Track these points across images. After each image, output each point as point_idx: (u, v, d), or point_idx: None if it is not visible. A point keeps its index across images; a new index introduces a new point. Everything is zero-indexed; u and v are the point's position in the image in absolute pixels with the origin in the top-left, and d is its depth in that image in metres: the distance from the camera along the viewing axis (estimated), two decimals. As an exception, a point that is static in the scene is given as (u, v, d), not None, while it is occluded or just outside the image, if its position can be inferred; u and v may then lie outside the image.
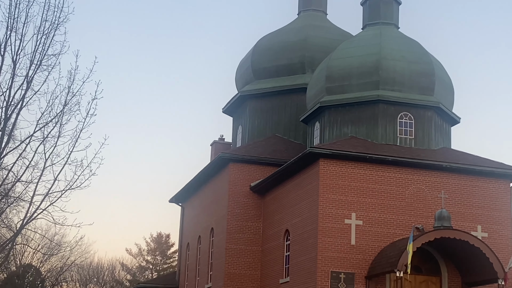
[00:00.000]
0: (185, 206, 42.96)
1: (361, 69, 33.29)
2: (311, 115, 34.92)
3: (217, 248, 36.07)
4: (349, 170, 30.14)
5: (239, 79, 42.05)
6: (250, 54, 41.03)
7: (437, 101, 32.92)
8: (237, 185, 35.18)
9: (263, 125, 39.21)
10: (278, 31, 41.52)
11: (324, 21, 42.03)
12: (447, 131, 34.26)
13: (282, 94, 39.02)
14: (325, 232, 29.36)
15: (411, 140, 32.45)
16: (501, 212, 31.12)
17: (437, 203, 30.35)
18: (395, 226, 30.03)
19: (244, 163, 35.37)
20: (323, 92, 33.98)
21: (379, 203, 30.10)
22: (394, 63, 33.20)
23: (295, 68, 39.38)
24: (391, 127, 32.43)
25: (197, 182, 39.55)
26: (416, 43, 34.61)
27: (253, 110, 39.70)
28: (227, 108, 42.44)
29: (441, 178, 30.82)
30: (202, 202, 39.51)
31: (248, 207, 35.17)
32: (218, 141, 42.02)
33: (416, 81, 33.10)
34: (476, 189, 31.10)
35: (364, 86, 33.04)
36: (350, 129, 32.89)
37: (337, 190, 29.84)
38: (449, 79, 34.75)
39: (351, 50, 34.26)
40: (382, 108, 32.55)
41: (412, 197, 30.50)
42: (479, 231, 30.56)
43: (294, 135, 38.39)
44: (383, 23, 35.38)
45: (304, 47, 39.38)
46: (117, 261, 73.12)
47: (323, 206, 29.60)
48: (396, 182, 30.45)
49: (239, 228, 34.85)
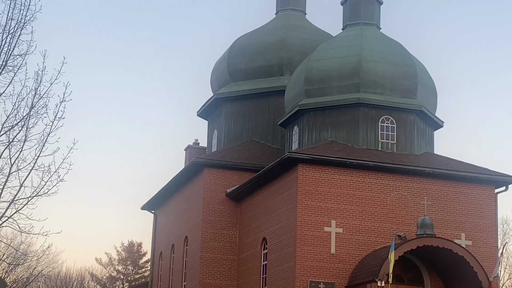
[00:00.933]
0: (158, 213, 42.69)
1: (341, 71, 33.27)
2: (289, 119, 34.83)
3: (191, 258, 35.84)
4: (329, 176, 30.06)
5: (214, 81, 41.89)
6: (226, 55, 40.89)
7: (420, 105, 32.97)
8: (212, 192, 35.01)
9: (240, 129, 39.07)
10: (255, 31, 41.44)
11: (303, 21, 42.02)
12: (430, 135, 34.32)
13: (260, 96, 38.93)
14: (304, 240, 29.25)
15: (393, 145, 32.46)
16: (486, 219, 31.22)
17: (420, 210, 30.37)
18: (376, 234, 30.00)
19: (220, 168, 35.22)
20: (302, 95, 33.91)
21: (359, 210, 30.05)
22: (375, 65, 33.22)
23: (273, 70, 39.31)
24: (372, 131, 32.42)
25: (170, 189, 39.33)
26: (398, 44, 34.66)
27: (229, 114, 39.55)
28: (202, 111, 42.27)
29: (424, 184, 30.84)
30: (176, 209, 39.27)
31: (223, 214, 35.01)
32: (193, 145, 41.82)
33: (398, 83, 33.13)
34: (460, 195, 31.17)
35: (345, 88, 33.02)
36: (330, 133, 32.84)
37: (316, 196, 29.75)
38: (432, 82, 34.83)
39: (331, 51, 34.24)
40: (363, 111, 32.53)
41: (394, 203, 30.48)
42: (463, 239, 30.63)
43: (272, 140, 38.29)
44: (364, 23, 35.41)
45: (282, 48, 39.32)
46: (86, 271, 72.66)
47: (302, 213, 29.48)
48: (377, 188, 30.42)
49: (214, 236, 34.66)
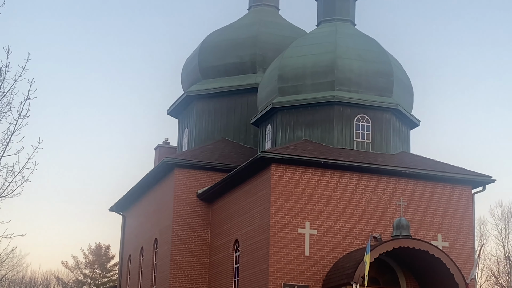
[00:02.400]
0: (126, 215, 42.59)
1: (315, 69, 33.42)
2: (262, 118, 34.92)
3: (161, 260, 35.81)
4: (303, 176, 30.20)
5: (185, 78, 41.88)
6: (197, 52, 40.89)
7: (396, 103, 33.21)
8: (183, 193, 35.02)
9: (211, 128, 39.09)
10: (227, 27, 41.48)
11: (276, 17, 42.14)
12: (406, 134, 34.59)
13: (232, 94, 38.98)
14: (277, 242, 29.36)
15: (369, 144, 32.68)
16: (463, 220, 31.52)
17: (396, 211, 30.60)
18: (351, 235, 30.19)
19: (191, 168, 35.24)
20: (275, 92, 34.01)
21: (334, 211, 30.22)
22: (351, 62, 33.40)
23: (246, 67, 39.38)
24: (347, 130, 32.61)
25: (139, 189, 39.26)
26: (373, 41, 34.87)
27: (200, 112, 39.55)
28: (172, 109, 42.23)
29: (399, 185, 31.08)
30: (145, 210, 39.21)
31: (194, 216, 35.03)
32: (163, 145, 41.80)
33: (373, 81, 33.35)
34: (437, 196, 31.45)
35: (319, 86, 33.17)
36: (304, 132, 32.98)
37: (290, 197, 29.88)
38: (408, 80, 35.09)
39: (305, 48, 34.37)
40: (337, 110, 32.71)
41: (369, 204, 30.69)
42: (440, 240, 30.91)
43: (244, 139, 38.37)
44: (339, 19, 35.57)
45: (255, 45, 39.40)
46: (52, 275, 72.32)
47: (275, 215, 29.59)
48: (352, 188, 30.62)
49: (185, 238, 34.67)
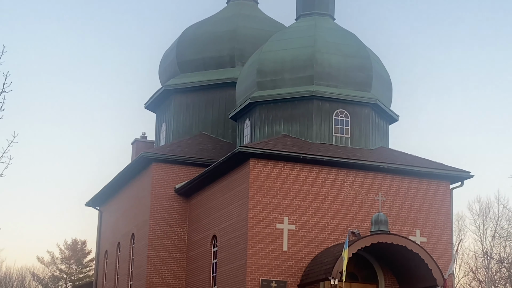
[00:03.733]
0: (103, 210, 42.56)
1: (294, 63, 33.55)
2: (240, 112, 35.03)
3: (138, 256, 35.85)
4: (281, 171, 30.35)
5: (163, 72, 41.87)
6: (175, 45, 40.89)
7: (375, 98, 33.43)
8: (161, 187, 35.06)
9: (189, 122, 39.14)
10: (205, 21, 41.50)
11: (255, 10, 42.22)
12: (385, 129, 34.83)
13: (210, 89, 39.02)
14: (255, 237, 29.50)
15: (347, 139, 32.88)
16: (441, 215, 31.83)
17: (374, 206, 30.84)
18: (329, 230, 30.38)
19: (168, 163, 35.27)
20: (254, 87, 34.12)
21: (313, 206, 30.41)
22: (330, 57, 33.56)
23: (224, 61, 39.43)
24: (326, 125, 32.79)
25: (116, 184, 39.24)
26: (352, 35, 35.06)
27: (178, 106, 39.58)
28: (150, 103, 42.21)
29: (378, 180, 31.33)
30: (122, 205, 39.22)
31: (172, 211, 35.09)
32: (140, 139, 41.76)
33: (352, 76, 33.54)
34: (415, 191, 31.72)
35: (298, 81, 33.31)
36: (283, 127, 33.12)
37: (269, 192, 30.02)
38: (387, 75, 35.33)
39: (284, 42, 34.50)
40: (316, 104, 32.88)
41: (347, 199, 30.91)
42: (418, 236, 31.19)
43: (223, 133, 38.45)
44: (318, 13, 35.72)
45: (233, 39, 39.46)
46: (27, 270, 72.06)
47: (253, 210, 29.73)
48: (331, 184, 30.82)
49: (162, 233, 34.73)
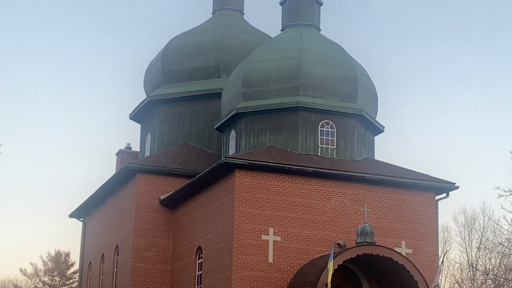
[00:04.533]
0: (87, 221, 42.40)
1: (280, 74, 33.64)
2: (226, 123, 35.05)
3: (122, 268, 35.73)
4: (267, 182, 30.38)
5: (148, 82, 41.85)
6: (160, 56, 40.91)
7: (360, 109, 33.55)
8: (145, 198, 35.00)
9: (174, 133, 39.12)
10: (191, 31, 41.56)
11: (241, 21, 42.31)
12: (371, 140, 34.94)
13: (195, 99, 39.04)
14: (241, 249, 29.48)
15: (333, 150, 32.96)
16: (426, 226, 31.93)
17: (360, 218, 30.90)
18: (315, 242, 30.41)
19: (153, 174, 35.23)
20: (239, 97, 34.17)
21: (298, 217, 30.43)
22: (315, 68, 33.67)
23: (209, 71, 39.48)
24: (312, 136, 32.86)
25: (100, 195, 39.13)
26: (338, 46, 35.19)
27: (163, 117, 39.56)
28: (135, 114, 42.17)
29: (364, 191, 31.40)
30: (106, 217, 39.09)
31: (157, 222, 35.02)
32: (125, 150, 41.70)
33: (338, 87, 33.65)
34: (401, 202, 31.81)
35: (283, 91, 33.39)
36: (268, 138, 33.16)
37: (254, 203, 30.03)
38: (372, 86, 35.47)
39: (270, 53, 34.59)
40: (302, 115, 32.96)
41: (333, 211, 30.95)
42: (403, 247, 31.26)
43: (208, 144, 38.44)
44: (304, 24, 35.85)
45: (219, 49, 39.52)
46: (10, 282, 71.54)
47: (239, 221, 29.72)
48: (316, 195, 30.86)
49: (146, 245, 34.64)
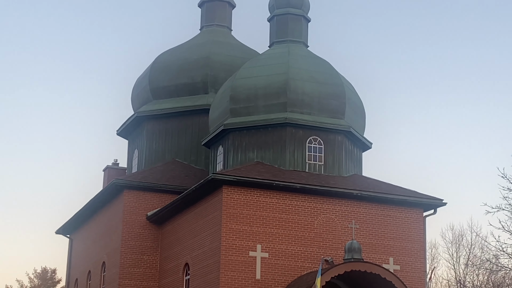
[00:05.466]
0: (73, 237, 42.27)
1: (267, 90, 33.74)
2: (214, 139, 35.09)
3: (109, 285, 35.61)
4: (255, 198, 30.41)
5: (135, 98, 41.86)
6: (148, 72, 40.94)
7: (348, 125, 33.67)
8: (132, 215, 34.95)
9: (162, 149, 39.10)
10: (178, 47, 41.62)
11: (229, 37, 42.43)
12: (358, 157, 35.05)
13: (183, 115, 39.06)
14: (228, 265, 29.45)
15: (321, 166, 33.04)
16: (414, 243, 32.00)
17: (348, 234, 30.94)
18: (303, 258, 30.42)
19: (140, 190, 35.19)
20: (227, 114, 34.23)
21: (286, 234, 30.45)
22: (303, 84, 33.79)
23: (197, 87, 39.53)
24: (300, 152, 32.94)
25: (87, 212, 39.03)
26: (326, 63, 35.35)
27: (150, 133, 39.55)
28: (122, 130, 42.14)
29: (351, 207, 31.46)
30: (93, 233, 38.98)
31: (144, 238, 34.96)
32: (112, 166, 41.61)
33: (325, 103, 33.77)
34: (388, 218, 31.88)
35: (271, 108, 33.48)
36: (256, 154, 33.22)
37: (242, 219, 30.04)
38: (360, 102, 35.61)
39: (257, 69, 34.70)
40: (290, 131, 33.04)
41: (321, 227, 31.00)
42: (391, 264, 31.32)
43: (196, 160, 38.44)
44: (291, 41, 36.00)
45: (206, 65, 39.59)
46: (-5, 299, 71.13)
47: (226, 237, 29.71)
48: (304, 211, 30.90)
49: (133, 262, 34.55)
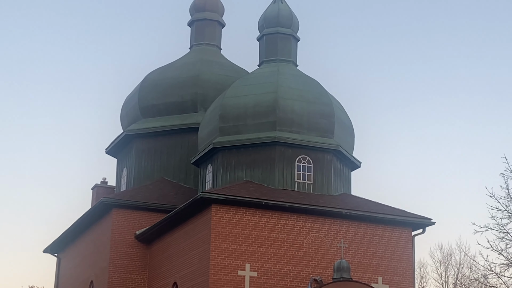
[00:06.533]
0: (61, 256, 42.11)
1: (257, 109, 33.87)
2: (203, 157, 35.14)
3: (97, 304, 35.48)
4: (244, 217, 30.44)
5: (124, 117, 41.88)
6: (137, 90, 40.99)
7: (337, 144, 33.80)
8: (121, 234, 34.90)
9: (151, 168, 39.10)
10: (168, 66, 41.71)
11: (218, 56, 42.58)
12: (347, 176, 35.16)
13: (172, 134, 39.09)
14: (217, 284, 29.42)
15: (310, 185, 33.13)
16: (403, 262, 32.07)
17: (337, 253, 31.00)
18: (292, 278, 30.42)
19: (129, 209, 35.16)
20: (216, 132, 34.32)
21: (275, 253, 30.48)
22: (292, 103, 33.93)
23: (186, 106, 39.59)
24: (289, 171, 33.02)
25: (75, 230, 38.93)
26: (315, 82, 35.52)
27: (139, 151, 39.56)
28: (111, 148, 42.13)
29: (340, 226, 31.53)
30: (81, 252, 38.87)
31: (132, 257, 34.89)
32: (100, 184, 41.51)
33: (315, 122, 33.91)
34: (377, 237, 31.96)
35: (260, 126, 33.59)
36: (245, 172, 33.28)
37: (230, 238, 30.05)
38: (349, 121, 35.78)
39: (247, 88, 34.83)
40: (279, 150, 33.14)
41: (310, 246, 31.04)
42: (380, 283, 31.35)
43: (185, 179, 38.44)
44: (281, 60, 36.19)
45: (196, 84, 39.68)
46: (-19, 319, 70.59)
47: (215, 256, 29.71)
48: (293, 230, 30.94)
49: (122, 281, 34.46)
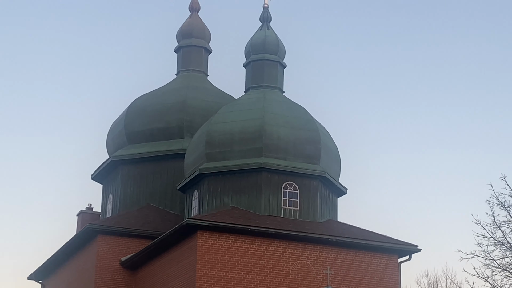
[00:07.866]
0: (45, 283, 41.87)
1: (243, 135, 33.98)
2: (189, 184, 35.17)
3: (81, 331, 35.28)
4: (230, 244, 30.45)
5: (110, 142, 41.88)
6: (124, 116, 41.02)
7: (323, 170, 33.93)
8: (106, 260, 34.78)
9: (136, 194, 39.05)
10: (154, 92, 41.80)
11: (205, 82, 42.72)
12: (334, 202, 35.26)
13: (158, 160, 39.10)
14: (203, 311, 29.35)
15: (296, 212, 33.19)
16: (389, 289, 32.11)
17: (323, 280, 31.00)
18: (278, 304, 30.37)
19: (114, 235, 35.09)
20: (203, 158, 34.39)
21: (261, 279, 30.45)
22: (278, 129, 34.08)
23: (173, 132, 39.64)
24: (275, 198, 33.09)
25: (60, 257, 38.75)
26: (301, 108, 35.71)
27: (125, 177, 39.53)
28: (97, 174, 42.07)
29: (326, 253, 31.57)
30: (66, 279, 38.68)
31: (117, 284, 34.75)
32: (86, 210, 41.39)
33: (301, 148, 34.04)
34: (363, 264, 32.00)
35: (247, 153, 33.68)
36: (231, 199, 33.31)
37: (216, 265, 30.02)
38: (335, 148, 35.94)
39: (233, 114, 34.97)
40: (265, 176, 33.23)
41: (296, 273, 31.05)
42: (366, 310, 31.37)
43: (171, 205, 38.41)
44: (267, 86, 36.36)
45: (182, 110, 39.76)
46: None
47: (201, 283, 29.65)
48: (279, 257, 30.96)
49: (107, 308, 34.30)
